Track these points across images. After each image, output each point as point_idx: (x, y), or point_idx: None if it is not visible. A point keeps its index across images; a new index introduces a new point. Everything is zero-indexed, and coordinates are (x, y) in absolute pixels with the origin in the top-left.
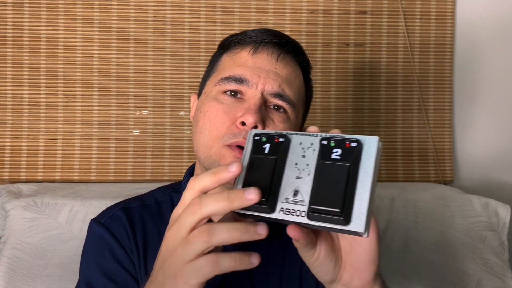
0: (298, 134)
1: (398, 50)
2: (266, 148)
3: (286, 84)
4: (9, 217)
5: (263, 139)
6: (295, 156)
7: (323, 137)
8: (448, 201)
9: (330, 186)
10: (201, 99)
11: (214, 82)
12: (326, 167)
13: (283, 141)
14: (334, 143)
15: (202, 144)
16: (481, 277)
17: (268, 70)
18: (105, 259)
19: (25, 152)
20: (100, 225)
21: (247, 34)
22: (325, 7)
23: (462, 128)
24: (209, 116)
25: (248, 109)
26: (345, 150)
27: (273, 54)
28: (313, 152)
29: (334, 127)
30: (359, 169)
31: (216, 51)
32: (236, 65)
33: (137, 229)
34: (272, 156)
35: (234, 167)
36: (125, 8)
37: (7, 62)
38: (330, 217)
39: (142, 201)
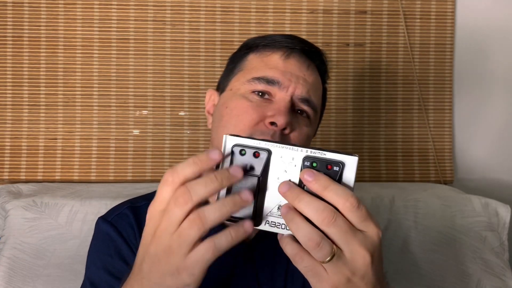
0: (278, 146)
1: (398, 50)
2: (247, 165)
3: (313, 91)
4: (9, 217)
5: (243, 152)
6: (277, 170)
7: (306, 156)
8: (448, 201)
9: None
10: (227, 95)
11: (243, 81)
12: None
13: (265, 157)
14: (317, 164)
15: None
16: (481, 277)
17: (298, 76)
18: (111, 257)
19: (25, 152)
20: (107, 223)
21: (275, 38)
22: (325, 7)
23: (462, 128)
24: (236, 112)
25: (279, 110)
26: (328, 173)
27: (304, 62)
28: (294, 167)
29: (334, 127)
30: None
31: (238, 51)
32: (268, 67)
33: (144, 227)
34: (254, 174)
35: (216, 154)
36: (125, 8)
37: (7, 62)
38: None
39: (149, 200)
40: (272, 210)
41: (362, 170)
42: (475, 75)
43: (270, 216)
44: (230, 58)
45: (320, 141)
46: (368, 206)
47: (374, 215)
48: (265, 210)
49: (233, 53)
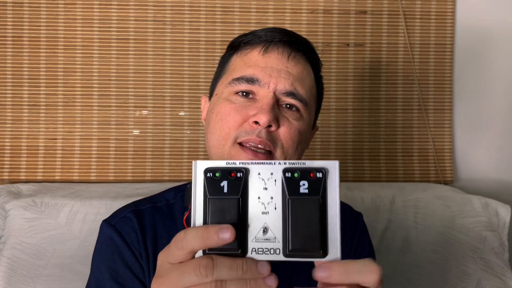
0: (254, 164)
1: (398, 50)
2: (224, 187)
3: (298, 82)
4: (9, 217)
5: (217, 174)
6: (257, 189)
7: (285, 168)
8: (448, 201)
9: (304, 223)
10: (213, 101)
11: (225, 83)
12: (296, 204)
13: (241, 176)
14: (298, 174)
15: (213, 144)
16: (481, 277)
17: (279, 69)
18: (114, 262)
19: (25, 152)
20: (111, 226)
21: (256, 33)
22: (325, 7)
23: (462, 128)
24: (220, 116)
25: (261, 108)
26: (312, 182)
27: (283, 53)
28: (274, 183)
29: (334, 127)
30: (327, 199)
31: (225, 52)
32: (247, 66)
33: (148, 232)
34: (233, 196)
35: (228, 234)
36: (125, 8)
37: (7, 62)
38: (309, 254)
39: (153, 203)
40: (257, 234)
41: (362, 170)
42: (475, 75)
43: (256, 242)
44: (220, 61)
45: (320, 141)
46: (368, 206)
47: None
48: (250, 235)
49: (222, 55)
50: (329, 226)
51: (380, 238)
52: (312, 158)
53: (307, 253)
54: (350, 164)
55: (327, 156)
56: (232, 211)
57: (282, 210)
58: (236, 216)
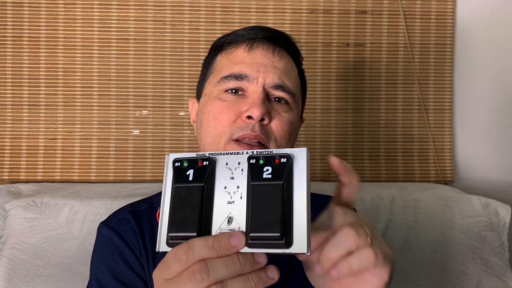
0: (222, 154)
1: (398, 50)
2: (189, 175)
3: (285, 75)
4: (9, 217)
5: (185, 164)
6: (223, 179)
7: (250, 155)
8: (448, 201)
9: (266, 209)
10: (202, 101)
11: (214, 83)
12: (258, 189)
13: (207, 164)
14: (263, 160)
15: (208, 142)
16: (481, 277)
17: (266, 64)
18: (115, 262)
19: (25, 152)
20: (109, 228)
21: (238, 33)
22: (325, 7)
23: (462, 128)
24: (213, 114)
25: (253, 103)
26: (276, 167)
27: (268, 49)
28: (241, 172)
29: (334, 127)
30: (293, 186)
31: (208, 54)
32: (234, 63)
33: (146, 231)
34: (198, 184)
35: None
36: (125, 8)
37: (7, 62)
38: (270, 243)
39: (150, 204)
40: (221, 225)
41: (362, 170)
42: (475, 75)
43: (220, 233)
44: (203, 63)
45: (320, 141)
46: (368, 206)
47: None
48: (214, 225)
49: (205, 58)
50: (294, 214)
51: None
52: (312, 158)
53: (268, 241)
54: (350, 164)
55: (327, 157)
56: (195, 198)
57: (247, 198)
58: (199, 204)
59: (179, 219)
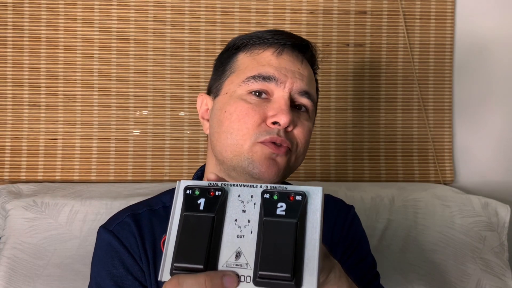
0: (236, 185)
1: (398, 50)
2: (200, 204)
3: (310, 84)
4: (9, 217)
5: (196, 192)
6: (234, 211)
7: (264, 189)
8: (448, 201)
9: (277, 247)
10: (222, 99)
11: (238, 82)
12: (271, 225)
13: (220, 195)
14: (277, 196)
15: (230, 143)
16: (481, 277)
17: (293, 71)
18: (114, 268)
19: (25, 152)
20: (109, 232)
21: (263, 36)
22: (325, 7)
23: (462, 128)
24: (237, 115)
25: (280, 109)
26: (290, 204)
27: (297, 57)
28: (254, 206)
29: (334, 127)
30: (306, 225)
31: (226, 50)
32: (261, 64)
33: (146, 235)
34: (208, 214)
35: (231, 282)
36: (125, 9)
37: (7, 62)
38: (280, 283)
39: (150, 206)
40: (229, 259)
41: (362, 170)
42: (475, 75)
43: (227, 268)
44: (217, 60)
45: (320, 141)
46: (367, 206)
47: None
48: (221, 258)
49: (219, 54)
50: (306, 254)
51: (380, 238)
52: (312, 158)
53: (277, 281)
54: (350, 164)
55: (327, 156)
56: (205, 229)
57: (258, 235)
58: (208, 234)
59: (186, 249)
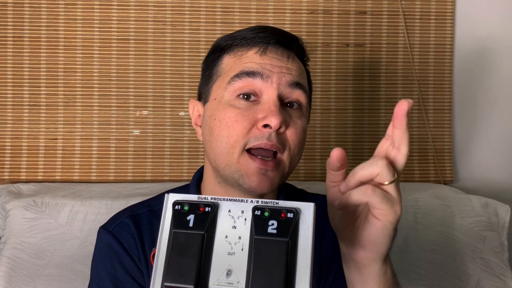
0: (226, 200)
1: (398, 50)
2: (190, 221)
3: (300, 76)
4: (9, 217)
5: (185, 208)
6: (225, 227)
7: (255, 206)
8: (448, 201)
9: (268, 267)
10: (212, 106)
11: (223, 86)
12: (262, 244)
13: (209, 211)
14: (269, 213)
15: (221, 152)
16: (481, 277)
17: (279, 67)
18: (113, 269)
19: (25, 152)
20: (108, 233)
21: (246, 35)
22: (325, 7)
23: (462, 128)
24: (226, 122)
25: (270, 110)
26: (282, 222)
27: (283, 54)
28: (244, 222)
29: (334, 127)
30: (297, 243)
31: (210, 54)
32: (244, 63)
33: (145, 236)
34: (198, 231)
35: None
36: (125, 9)
37: (7, 62)
38: None
39: (150, 207)
40: (219, 277)
41: None
42: (475, 75)
43: (217, 286)
44: (204, 63)
45: (320, 141)
46: None
47: None
48: (211, 276)
49: (205, 57)
50: (297, 272)
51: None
52: (312, 158)
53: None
54: (350, 164)
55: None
56: (195, 247)
57: (249, 252)
58: (199, 253)
59: (176, 268)
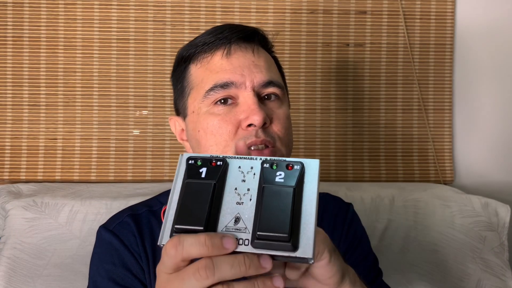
0: (236, 158)
1: (398, 50)
2: (202, 172)
3: (269, 70)
4: (9, 217)
5: (198, 162)
6: (235, 180)
7: (264, 160)
8: (448, 201)
9: (275, 210)
10: (192, 119)
11: (199, 98)
12: (270, 191)
13: (221, 165)
14: (277, 165)
15: None
16: (481, 277)
17: (248, 65)
18: (114, 265)
19: (25, 152)
20: (109, 231)
21: (206, 40)
22: (325, 7)
23: (462, 128)
24: (211, 131)
25: (250, 109)
26: (289, 172)
27: (247, 49)
28: (253, 176)
29: (334, 127)
30: (303, 193)
31: (176, 66)
32: (215, 72)
33: (145, 235)
34: (209, 181)
35: (231, 244)
36: (125, 8)
37: (7, 62)
38: (277, 244)
39: (149, 207)
40: (228, 223)
41: (362, 170)
42: (475, 75)
43: (226, 232)
44: (172, 76)
45: (320, 141)
46: (367, 206)
47: (374, 215)
48: (220, 223)
49: (172, 71)
50: (302, 219)
51: (380, 238)
52: (312, 158)
53: (275, 242)
54: (350, 164)
55: (327, 156)
56: (206, 194)
57: (257, 201)
58: (209, 200)
59: (187, 212)
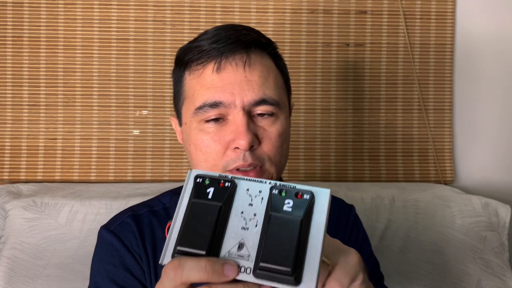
0: (245, 180)
1: (398, 50)
2: (209, 193)
3: (263, 86)
4: (9, 217)
5: (206, 181)
6: (241, 203)
7: (273, 185)
8: (448, 201)
9: (280, 242)
10: (185, 130)
11: (190, 113)
12: (276, 220)
13: (229, 186)
14: (286, 193)
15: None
16: (481, 277)
17: (239, 82)
18: (114, 266)
19: (25, 152)
20: (110, 232)
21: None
22: (325, 7)
23: (462, 128)
24: (200, 148)
25: (237, 132)
26: (297, 202)
27: (239, 63)
28: (261, 200)
29: (334, 127)
30: (311, 225)
31: (175, 66)
32: (205, 89)
33: (146, 235)
34: (216, 202)
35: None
36: (125, 8)
37: (7, 62)
38: (279, 277)
39: (150, 207)
40: (231, 249)
41: (362, 170)
42: (475, 75)
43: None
44: (173, 75)
45: (320, 141)
46: (368, 206)
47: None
48: (223, 248)
49: (173, 68)
50: (308, 252)
51: (380, 238)
52: (312, 158)
53: (277, 274)
54: (350, 164)
55: (327, 156)
56: (211, 217)
57: (262, 229)
58: (214, 223)
59: (191, 234)
